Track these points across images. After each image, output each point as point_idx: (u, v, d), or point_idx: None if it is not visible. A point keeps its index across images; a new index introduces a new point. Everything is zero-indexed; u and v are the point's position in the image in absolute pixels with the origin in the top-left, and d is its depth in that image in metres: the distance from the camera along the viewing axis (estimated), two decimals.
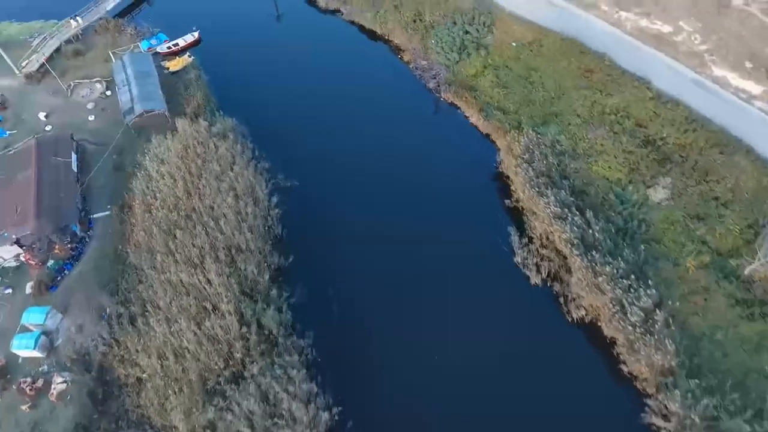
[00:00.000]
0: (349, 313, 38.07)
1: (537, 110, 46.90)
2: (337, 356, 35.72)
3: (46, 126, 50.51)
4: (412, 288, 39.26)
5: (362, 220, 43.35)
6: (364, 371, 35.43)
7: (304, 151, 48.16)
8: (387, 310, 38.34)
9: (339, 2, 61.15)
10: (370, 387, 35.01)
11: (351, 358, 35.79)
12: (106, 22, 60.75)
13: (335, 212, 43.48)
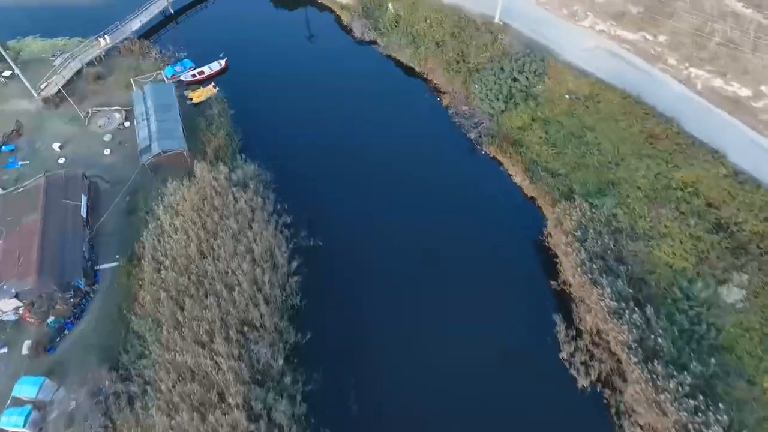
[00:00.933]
0: (371, 409, 34.17)
1: (591, 176, 42.08)
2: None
3: (59, 158, 47.74)
4: (443, 379, 34.87)
5: (389, 290, 39.14)
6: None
7: (330, 201, 44.11)
8: (414, 404, 34.22)
9: (376, 33, 57.02)
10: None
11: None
12: (131, 43, 57.92)
13: (361, 280, 39.35)
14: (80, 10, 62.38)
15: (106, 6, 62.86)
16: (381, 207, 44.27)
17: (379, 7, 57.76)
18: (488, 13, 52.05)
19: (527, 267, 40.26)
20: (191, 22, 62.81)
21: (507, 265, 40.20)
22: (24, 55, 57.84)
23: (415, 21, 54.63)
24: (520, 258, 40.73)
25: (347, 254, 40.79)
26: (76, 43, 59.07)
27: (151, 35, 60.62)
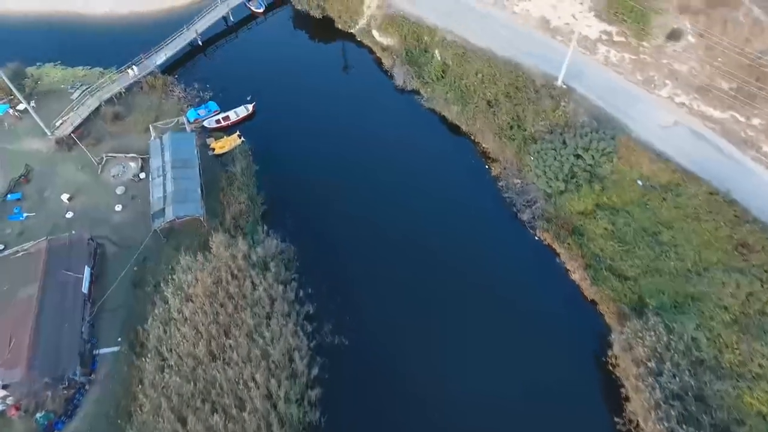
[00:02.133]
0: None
1: (667, 285, 35.92)
2: None
3: (67, 212, 43.70)
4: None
5: (426, 401, 34.08)
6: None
7: (359, 285, 38.93)
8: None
9: (419, 82, 51.39)
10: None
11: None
12: (154, 78, 53.67)
13: (393, 393, 34.06)
14: (104, 38, 58.17)
15: (132, 35, 59.38)
16: (416, 295, 38.87)
17: (425, 53, 52.29)
18: (550, 72, 46.07)
19: (586, 394, 34.24)
20: (220, 54, 58.20)
21: (561, 386, 34.34)
22: (42, 85, 54.20)
23: (464, 73, 48.96)
24: (578, 380, 34.69)
25: (378, 356, 35.71)
26: (97, 75, 55.26)
27: (177, 68, 56.22)
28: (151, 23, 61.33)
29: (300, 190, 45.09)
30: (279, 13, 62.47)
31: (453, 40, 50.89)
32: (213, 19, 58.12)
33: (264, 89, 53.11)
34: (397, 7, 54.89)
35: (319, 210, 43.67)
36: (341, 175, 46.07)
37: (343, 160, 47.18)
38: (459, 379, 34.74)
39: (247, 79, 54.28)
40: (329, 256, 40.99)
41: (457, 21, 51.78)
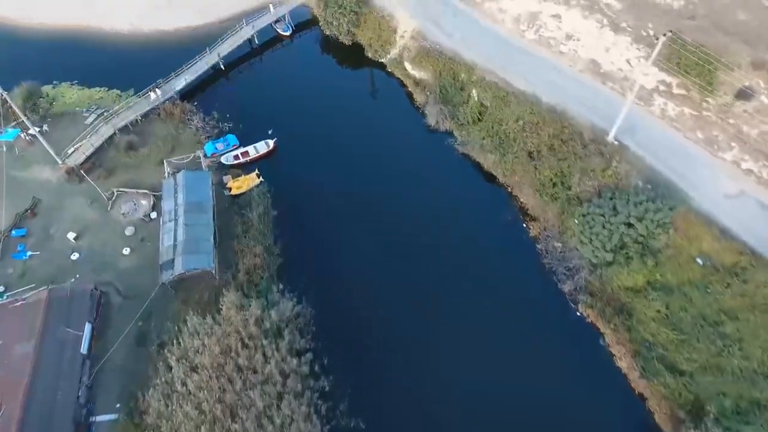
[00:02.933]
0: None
1: (729, 387, 31.38)
2: None
3: (72, 253, 40.92)
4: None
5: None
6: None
7: (381, 353, 35.44)
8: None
9: (454, 123, 47.43)
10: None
11: None
12: (173, 104, 50.88)
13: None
14: (124, 57, 55.57)
15: (153, 55, 56.51)
16: (445, 369, 35.20)
17: (461, 91, 48.49)
18: (600, 125, 41.85)
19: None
20: (242, 79, 55.07)
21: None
22: (57, 107, 51.86)
23: (503, 118, 45.05)
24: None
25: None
26: (114, 97, 52.87)
27: (197, 93, 53.12)
28: (173, 43, 58.68)
29: (320, 239, 41.76)
30: (306, 37, 59.46)
31: (492, 80, 47.01)
32: (237, 42, 55.14)
33: (287, 120, 49.97)
34: (433, 39, 51.20)
35: (340, 263, 40.29)
36: (364, 222, 42.56)
37: (367, 206, 43.61)
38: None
39: (269, 108, 51.30)
40: (349, 318, 37.48)
41: (498, 59, 47.79)
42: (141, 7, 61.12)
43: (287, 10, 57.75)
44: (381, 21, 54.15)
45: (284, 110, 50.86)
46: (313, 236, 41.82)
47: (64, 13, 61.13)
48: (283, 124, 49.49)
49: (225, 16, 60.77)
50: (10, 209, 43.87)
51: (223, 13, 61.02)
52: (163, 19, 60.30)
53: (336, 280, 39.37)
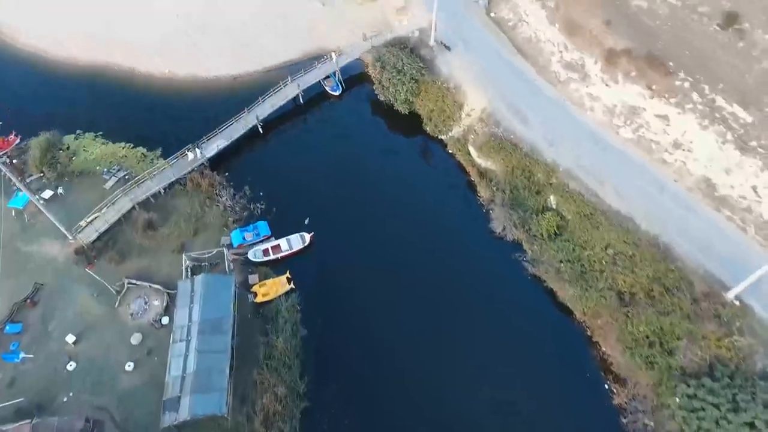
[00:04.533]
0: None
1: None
2: None
3: (69, 363, 34.65)
4: None
5: None
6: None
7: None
8: None
9: (523, 234, 39.46)
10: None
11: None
12: (201, 175, 44.81)
13: None
14: (156, 105, 50.21)
15: (188, 106, 50.78)
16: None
17: (536, 195, 40.64)
18: (716, 272, 33.37)
19: None
20: (281, 145, 48.13)
21: None
22: (77, 163, 46.28)
23: (588, 241, 37.05)
24: None
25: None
26: (138, 158, 47.16)
27: (229, 160, 46.46)
28: (210, 92, 52.77)
29: (354, 371, 34.75)
30: (356, 97, 52.48)
31: (576, 188, 39.21)
32: (279, 103, 48.69)
33: (327, 204, 43.14)
34: (507, 126, 43.58)
35: (380, 407, 33.68)
36: (409, 352, 35.39)
37: (417, 332, 36.31)
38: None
39: (308, 186, 44.33)
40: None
41: (584, 158, 40.04)
42: (179, 48, 55.72)
43: (339, 65, 51.26)
44: (445, 93, 46.84)
45: (325, 190, 44.14)
46: (348, 370, 34.91)
47: (98, 49, 55.98)
48: (322, 210, 42.72)
49: (270, 64, 54.74)
50: (9, 291, 38.87)
51: (269, 60, 54.96)
52: (202, 64, 54.51)
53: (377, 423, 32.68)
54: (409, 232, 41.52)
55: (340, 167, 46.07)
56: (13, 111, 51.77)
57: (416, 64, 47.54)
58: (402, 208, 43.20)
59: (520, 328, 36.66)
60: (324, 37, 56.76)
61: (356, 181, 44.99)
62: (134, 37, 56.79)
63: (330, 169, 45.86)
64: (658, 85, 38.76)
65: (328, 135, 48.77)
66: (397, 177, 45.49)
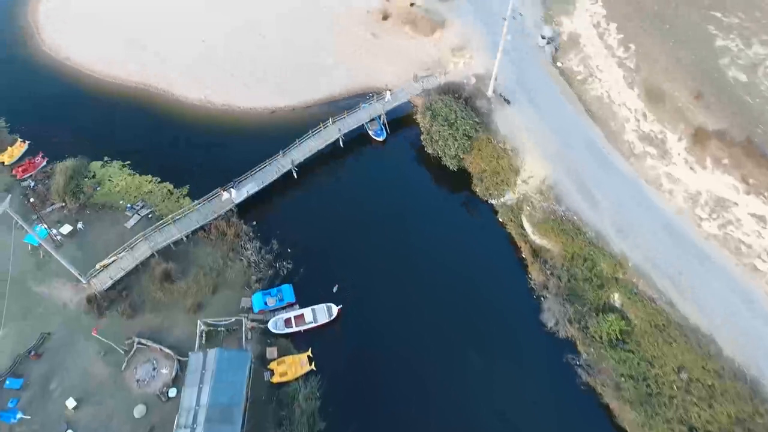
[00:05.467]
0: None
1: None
2: None
3: (67, 430, 33.38)
4: None
5: None
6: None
7: None
8: None
9: (578, 332, 34.12)
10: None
11: None
12: (227, 223, 41.46)
13: None
14: (188, 136, 47.41)
15: (221, 139, 47.52)
16: None
17: (598, 289, 35.14)
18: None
19: None
20: (316, 194, 44.05)
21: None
22: (100, 194, 43.80)
23: (658, 357, 31.42)
24: None
25: None
26: (164, 195, 44.13)
27: (258, 206, 42.80)
28: (245, 125, 49.46)
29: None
30: (401, 144, 48.09)
31: (646, 290, 33.88)
32: (317, 147, 44.96)
33: (361, 267, 39.12)
34: (570, 204, 38.53)
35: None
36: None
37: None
38: None
39: (341, 245, 40.47)
40: None
41: (658, 254, 34.59)
42: (218, 76, 52.72)
43: (385, 108, 47.11)
44: (501, 154, 42.23)
45: (360, 252, 40.07)
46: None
47: (136, 69, 53.67)
48: (354, 275, 38.63)
49: (311, 99, 51.09)
50: (15, 337, 36.45)
51: (310, 95, 51.31)
52: (239, 93, 51.29)
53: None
54: (449, 312, 36.96)
55: (378, 226, 41.92)
56: (44, 127, 50.18)
57: (471, 120, 43.04)
58: (443, 282, 38.61)
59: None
60: (371, 72, 53.00)
61: (394, 244, 40.67)
62: (173, 59, 54.36)
63: (367, 227, 41.80)
64: (756, 180, 33.18)
65: (368, 186, 44.74)
66: (440, 243, 40.93)
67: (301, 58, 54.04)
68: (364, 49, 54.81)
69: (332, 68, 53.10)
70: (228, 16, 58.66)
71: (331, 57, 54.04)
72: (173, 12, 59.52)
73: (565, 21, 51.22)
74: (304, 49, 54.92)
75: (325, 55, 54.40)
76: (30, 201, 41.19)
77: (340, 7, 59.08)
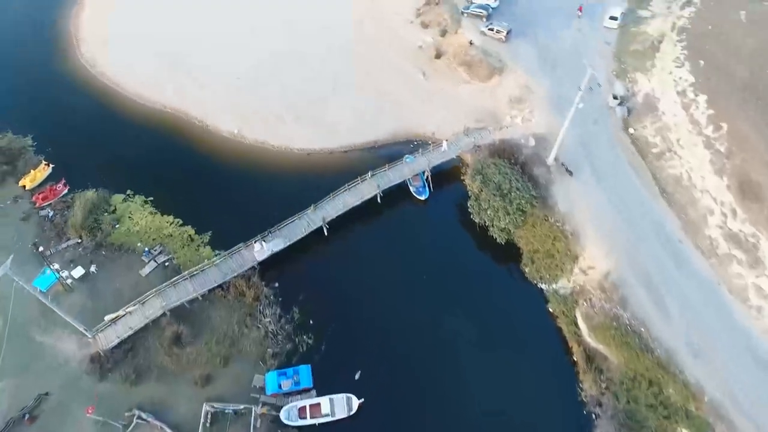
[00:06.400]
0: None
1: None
2: None
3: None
4: None
5: None
6: None
7: None
8: None
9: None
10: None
11: None
12: (246, 281, 37.52)
13: None
14: (214, 172, 44.14)
15: (249, 182, 44.00)
16: None
17: (663, 419, 29.49)
18: None
19: None
20: (345, 255, 39.78)
21: None
22: (118, 233, 41.02)
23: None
24: None
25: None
26: (184, 240, 40.94)
27: (281, 264, 38.89)
28: (278, 167, 45.81)
29: None
30: (445, 206, 43.24)
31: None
32: (353, 204, 40.75)
33: (389, 351, 34.83)
34: (636, 310, 32.87)
35: None
36: None
37: None
38: None
39: (370, 321, 36.25)
40: None
41: (742, 395, 28.92)
42: (255, 107, 49.25)
43: (430, 164, 42.48)
44: (557, 235, 37.17)
45: (389, 333, 35.71)
46: None
47: (170, 93, 50.76)
48: (381, 360, 34.32)
49: (350, 143, 46.93)
50: (11, 393, 33.50)
51: (349, 138, 47.13)
52: (275, 131, 47.66)
53: None
54: (489, 419, 32.66)
55: (413, 300, 37.35)
56: (70, 148, 47.58)
57: (527, 193, 38.17)
58: (482, 380, 33.65)
59: None
60: (417, 116, 48.33)
61: (429, 325, 36.10)
62: (212, 86, 51.20)
63: (399, 301, 37.28)
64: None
65: (404, 252, 40.07)
66: (482, 329, 36.02)
67: (344, 96, 49.98)
68: (412, 89, 50.24)
69: (376, 109, 48.77)
70: (274, 43, 55.12)
71: (376, 96, 49.73)
72: (217, 35, 56.43)
73: (641, 79, 45.59)
74: (349, 85, 50.91)
75: (370, 93, 50.11)
76: (39, 249, 38.34)
77: (391, 41, 54.68)
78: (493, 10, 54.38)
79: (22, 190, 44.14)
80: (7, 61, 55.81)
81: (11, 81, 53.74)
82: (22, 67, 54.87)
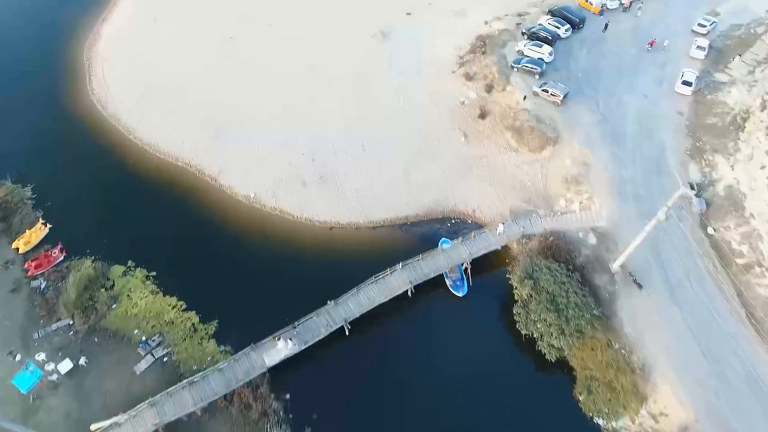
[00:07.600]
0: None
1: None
2: None
3: None
4: None
5: None
6: None
7: None
8: None
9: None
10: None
11: None
12: (254, 392, 31.75)
13: None
14: (225, 242, 39.26)
15: (261, 252, 39.12)
16: None
17: None
18: None
19: None
20: (369, 358, 34.14)
21: None
22: (115, 316, 36.15)
23: None
24: None
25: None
26: (186, 331, 35.89)
27: (296, 370, 33.44)
28: (296, 241, 40.52)
29: None
30: (485, 306, 37.28)
31: None
32: (379, 300, 35.18)
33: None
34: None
35: None
36: None
37: None
38: None
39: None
40: None
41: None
42: (274, 169, 43.87)
43: (471, 255, 36.81)
44: (622, 367, 31.20)
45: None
46: None
47: (187, 147, 45.73)
48: None
49: (379, 218, 41.36)
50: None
51: (378, 213, 41.56)
52: (295, 198, 42.40)
53: None
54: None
55: (445, 422, 32.44)
56: (71, 203, 42.89)
57: (588, 312, 32.01)
58: None
59: None
60: (455, 189, 42.49)
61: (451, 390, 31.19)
62: (230, 148, 45.51)
63: (430, 424, 32.30)
64: None
65: (437, 361, 34.22)
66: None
67: (372, 160, 44.25)
68: (450, 155, 44.21)
69: (408, 178, 42.99)
70: (297, 94, 49.50)
71: (409, 161, 43.98)
72: (240, 83, 50.31)
73: (721, 164, 38.99)
74: (376, 145, 44.99)
75: (401, 157, 44.35)
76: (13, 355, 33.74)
77: (431, 94, 48.31)
78: (546, 66, 48.43)
79: (15, 253, 40.35)
80: (13, 93, 51.89)
81: (17, 116, 49.46)
82: (29, 100, 50.40)
